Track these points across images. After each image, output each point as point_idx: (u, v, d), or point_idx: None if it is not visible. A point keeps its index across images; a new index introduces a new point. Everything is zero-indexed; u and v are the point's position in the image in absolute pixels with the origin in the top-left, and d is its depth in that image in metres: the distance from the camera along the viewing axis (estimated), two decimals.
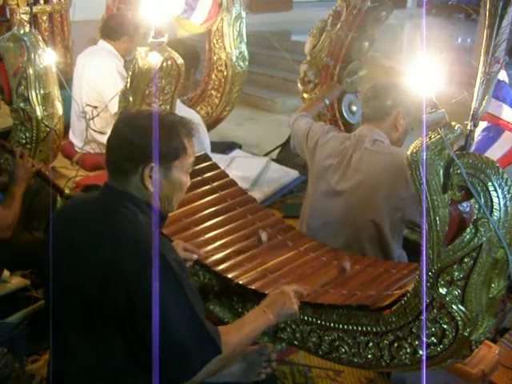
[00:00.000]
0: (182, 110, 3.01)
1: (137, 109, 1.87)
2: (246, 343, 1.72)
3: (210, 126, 4.31)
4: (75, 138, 4.09)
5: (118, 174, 1.62)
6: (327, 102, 3.27)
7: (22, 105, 3.19)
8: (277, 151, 4.46)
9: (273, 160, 4.19)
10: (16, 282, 2.54)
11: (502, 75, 2.52)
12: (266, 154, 4.47)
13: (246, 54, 4.13)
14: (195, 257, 2.13)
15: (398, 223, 2.53)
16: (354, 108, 3.61)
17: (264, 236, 2.46)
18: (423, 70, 1.55)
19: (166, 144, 1.58)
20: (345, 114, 3.61)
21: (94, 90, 3.92)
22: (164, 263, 1.48)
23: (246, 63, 4.17)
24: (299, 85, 3.65)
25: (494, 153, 2.67)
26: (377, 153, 2.48)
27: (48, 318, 1.62)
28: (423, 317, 1.65)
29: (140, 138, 1.55)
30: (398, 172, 2.35)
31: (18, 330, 2.33)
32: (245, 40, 4.12)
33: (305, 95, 3.66)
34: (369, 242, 2.51)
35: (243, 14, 4.07)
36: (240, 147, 4.60)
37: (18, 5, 4.77)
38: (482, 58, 1.51)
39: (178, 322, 1.50)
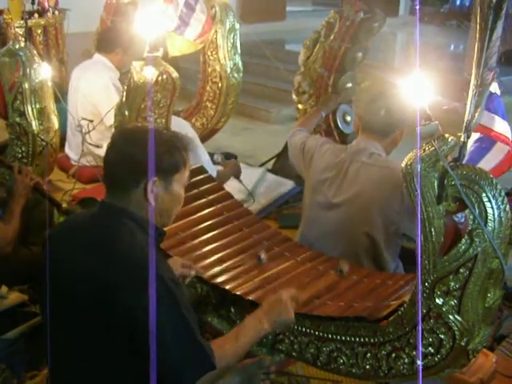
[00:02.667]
0: (176, 122, 3.02)
1: (133, 124, 1.89)
2: (241, 354, 1.72)
3: (206, 138, 4.32)
4: (71, 151, 4.09)
5: (117, 189, 1.63)
6: (323, 114, 3.29)
7: (17, 119, 3.20)
8: (272, 161, 4.48)
9: (268, 170, 4.20)
10: (14, 297, 2.53)
11: (494, 87, 2.53)
12: (262, 165, 4.48)
13: (240, 65, 4.15)
14: (193, 273, 2.13)
15: (393, 237, 2.52)
16: (349, 118, 3.62)
17: (263, 256, 2.44)
18: (416, 83, 1.56)
19: (168, 158, 1.60)
20: (339, 125, 3.63)
21: (89, 102, 3.91)
22: (161, 284, 1.48)
23: (241, 74, 4.18)
24: (294, 96, 3.67)
25: (487, 163, 2.69)
26: (374, 166, 2.48)
27: (46, 334, 1.63)
28: (418, 328, 1.66)
29: (141, 153, 1.55)
30: (395, 185, 2.32)
31: (17, 345, 2.33)
32: (239, 52, 4.14)
33: (299, 106, 3.68)
34: (364, 254, 2.51)
35: (237, 26, 4.09)
36: (236, 158, 4.61)
37: (12, 19, 4.80)
38: (473, 71, 1.53)
39: (174, 340, 1.52)
